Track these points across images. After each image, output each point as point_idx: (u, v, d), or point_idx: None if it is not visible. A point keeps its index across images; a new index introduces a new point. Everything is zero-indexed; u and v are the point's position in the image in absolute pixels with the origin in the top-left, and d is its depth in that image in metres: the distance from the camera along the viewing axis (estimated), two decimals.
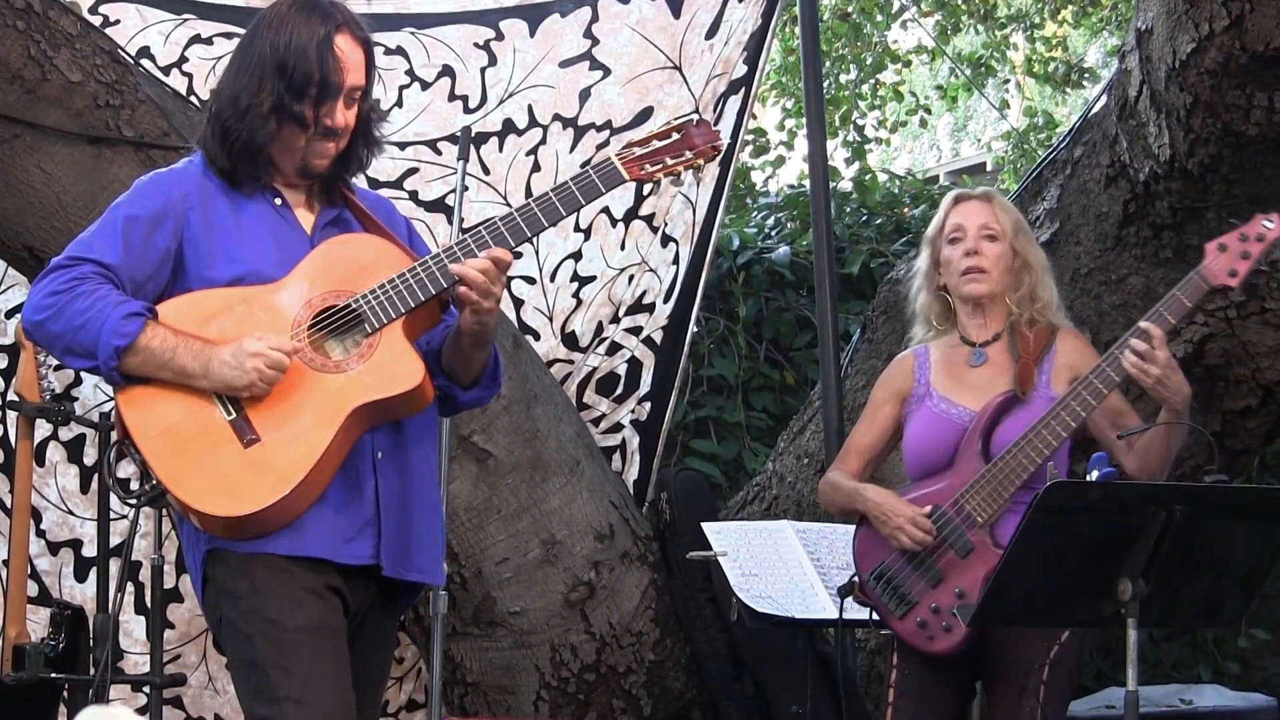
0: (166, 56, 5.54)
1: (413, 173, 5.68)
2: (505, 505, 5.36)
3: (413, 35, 5.74)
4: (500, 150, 5.74)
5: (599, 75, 5.80)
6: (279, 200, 3.49)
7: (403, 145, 5.62)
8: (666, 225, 5.81)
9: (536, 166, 5.74)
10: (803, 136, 8.42)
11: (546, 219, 3.44)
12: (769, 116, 12.25)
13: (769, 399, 7.12)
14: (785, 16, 7.59)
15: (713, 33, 5.80)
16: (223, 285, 3.39)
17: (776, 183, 10.52)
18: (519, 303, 5.74)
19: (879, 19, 11.52)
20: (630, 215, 5.79)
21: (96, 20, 5.33)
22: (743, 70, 5.78)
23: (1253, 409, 5.29)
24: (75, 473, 5.61)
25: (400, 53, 5.71)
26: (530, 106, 5.77)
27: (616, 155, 3.50)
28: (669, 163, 3.52)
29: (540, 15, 5.82)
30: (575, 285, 5.78)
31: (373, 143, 3.53)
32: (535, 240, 5.23)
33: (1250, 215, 3.96)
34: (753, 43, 5.78)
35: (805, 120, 6.11)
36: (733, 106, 5.79)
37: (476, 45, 5.78)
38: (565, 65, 5.80)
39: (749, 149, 10.09)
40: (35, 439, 5.13)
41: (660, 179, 3.52)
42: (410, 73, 5.72)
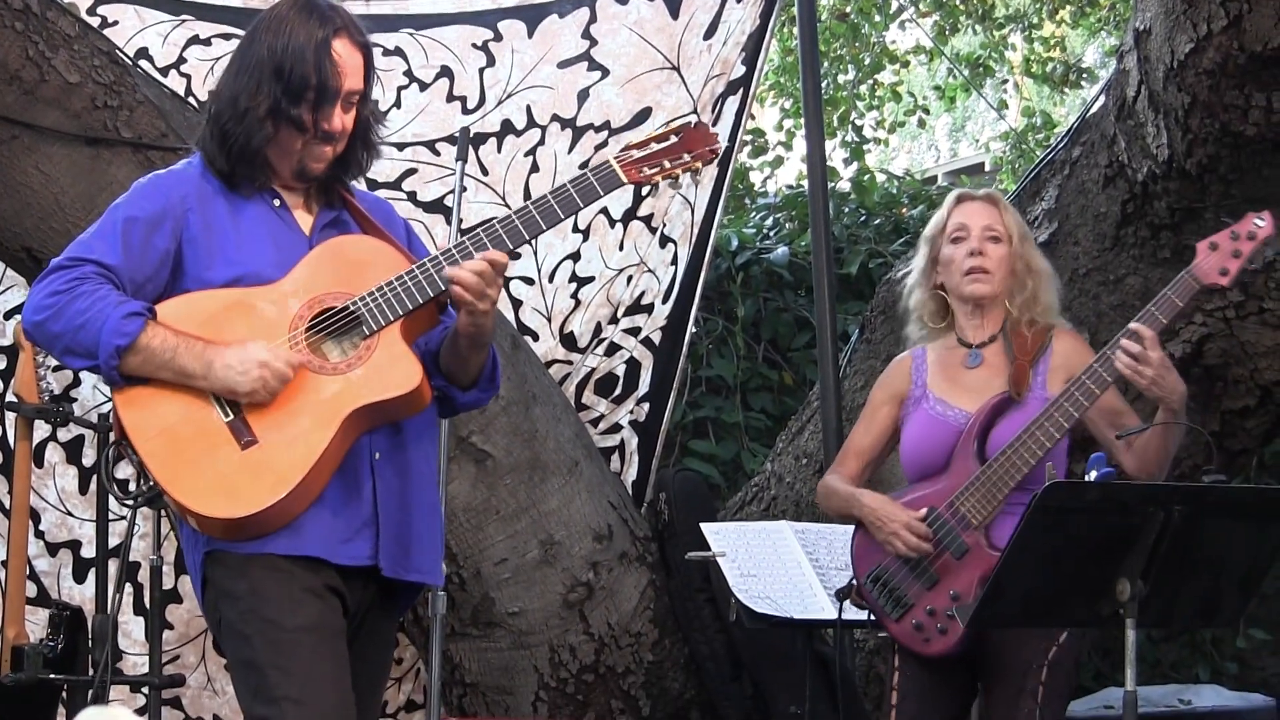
0: (165, 57, 5.53)
1: (411, 173, 5.68)
2: (504, 506, 5.36)
3: (411, 36, 5.74)
4: (499, 151, 5.74)
5: (597, 76, 5.79)
6: (277, 202, 3.49)
7: (401, 146, 5.62)
8: (665, 226, 5.81)
9: (535, 167, 5.74)
10: (801, 137, 8.43)
11: (545, 222, 3.44)
12: (767, 117, 12.25)
13: (767, 399, 7.12)
14: (783, 17, 7.58)
15: (711, 33, 5.80)
16: (221, 286, 3.39)
17: (775, 183, 10.52)
18: (517, 303, 5.74)
19: (877, 19, 11.52)
20: (629, 216, 5.79)
21: (95, 21, 5.33)
22: (741, 71, 5.78)
23: (1251, 409, 5.29)
24: (74, 474, 5.60)
25: (398, 53, 5.70)
26: (529, 107, 5.77)
27: (615, 158, 3.49)
28: (667, 166, 3.52)
29: (538, 16, 5.82)
30: (574, 286, 5.78)
31: (371, 146, 3.53)
32: (534, 241, 5.23)
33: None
34: (751, 43, 5.78)
35: (803, 120, 6.11)
36: (731, 107, 5.79)
37: (475, 46, 5.78)
38: (563, 66, 5.80)
39: (747, 149, 10.08)
40: (34, 440, 5.14)
41: (658, 182, 3.52)
42: (409, 73, 5.72)
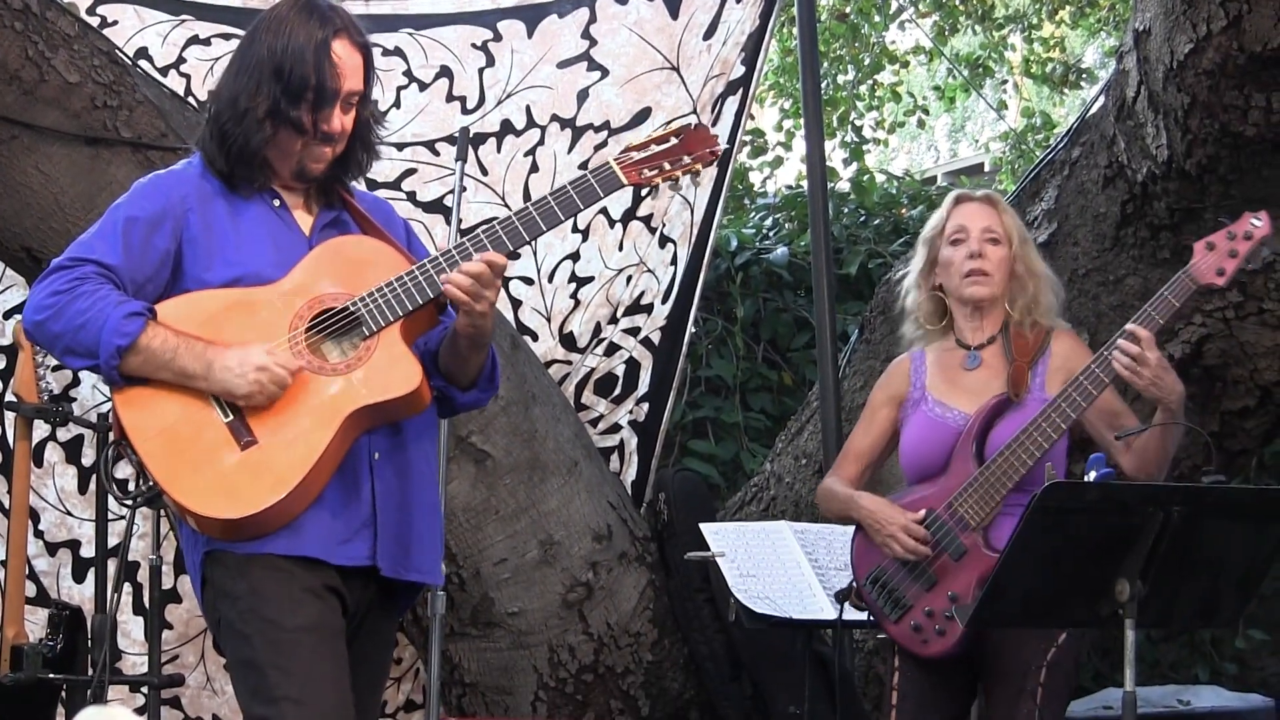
0: (164, 57, 5.53)
1: (411, 173, 5.68)
2: (503, 506, 5.36)
3: (410, 36, 5.73)
4: (498, 151, 5.74)
5: (597, 76, 5.79)
6: (277, 202, 3.49)
7: (400, 146, 5.61)
8: (664, 226, 5.81)
9: (534, 167, 5.74)
10: (800, 137, 8.40)
11: (545, 223, 3.44)
12: (767, 117, 12.25)
13: (767, 400, 7.12)
14: (783, 17, 7.58)
15: (710, 33, 5.80)
16: (221, 286, 3.39)
17: (774, 183, 10.52)
18: (517, 303, 5.74)
19: (877, 20, 11.52)
20: (628, 216, 5.79)
21: (94, 21, 5.33)
22: (740, 71, 5.78)
23: (1250, 409, 5.29)
24: (73, 473, 5.60)
25: (398, 53, 5.70)
26: (528, 107, 5.77)
27: (615, 160, 3.49)
28: (667, 168, 3.52)
29: (538, 16, 5.82)
30: (573, 286, 5.78)
31: (370, 147, 3.53)
32: (533, 242, 5.23)
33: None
34: (750, 43, 5.78)
35: (803, 121, 6.10)
36: (730, 107, 5.79)
37: (474, 46, 5.78)
38: (563, 66, 5.79)
39: (747, 150, 10.08)
40: (33, 440, 5.14)
41: (658, 184, 3.52)
42: (408, 74, 5.72)
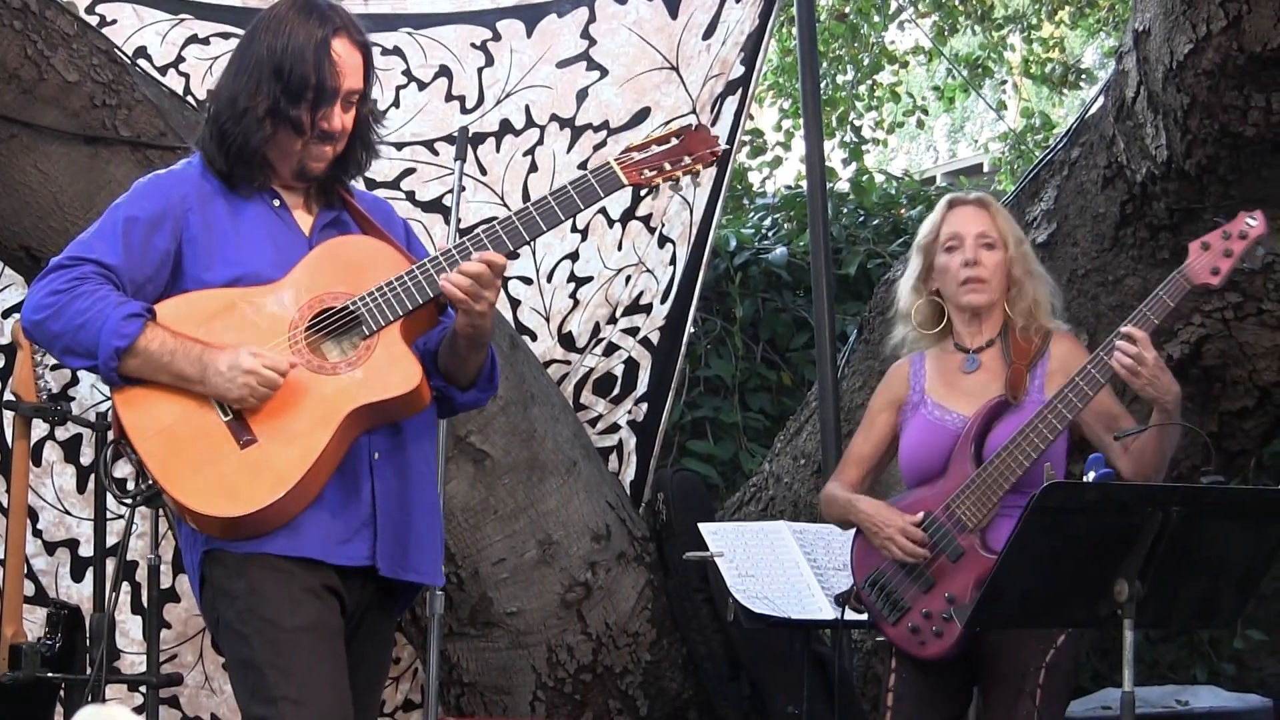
0: (163, 56, 5.53)
1: (410, 173, 5.67)
2: (502, 506, 5.36)
3: (410, 35, 5.73)
4: (497, 151, 5.74)
5: (596, 76, 5.79)
6: (277, 202, 3.49)
7: (400, 145, 5.61)
8: (664, 226, 5.80)
9: (534, 167, 5.74)
10: (800, 137, 8.40)
11: (545, 223, 3.44)
12: (766, 117, 12.24)
13: (766, 400, 7.12)
14: (782, 17, 7.58)
15: (710, 33, 5.80)
16: (221, 286, 3.39)
17: (773, 183, 10.51)
18: (516, 303, 5.74)
19: (876, 20, 11.51)
20: (627, 216, 5.79)
21: (93, 20, 5.32)
22: (740, 71, 5.78)
23: (1249, 410, 5.29)
24: (72, 472, 5.60)
25: (397, 53, 5.70)
26: (527, 107, 5.77)
27: (615, 160, 3.49)
28: (667, 168, 3.52)
29: (537, 16, 5.82)
30: (572, 286, 5.78)
31: (370, 146, 3.53)
32: (533, 241, 5.23)
33: None
34: (750, 43, 5.78)
35: (802, 121, 6.10)
36: (730, 107, 5.79)
37: (473, 45, 5.77)
38: (562, 66, 5.79)
39: (746, 150, 10.08)
40: (32, 439, 5.14)
41: (659, 184, 3.52)
42: (407, 73, 5.71)
